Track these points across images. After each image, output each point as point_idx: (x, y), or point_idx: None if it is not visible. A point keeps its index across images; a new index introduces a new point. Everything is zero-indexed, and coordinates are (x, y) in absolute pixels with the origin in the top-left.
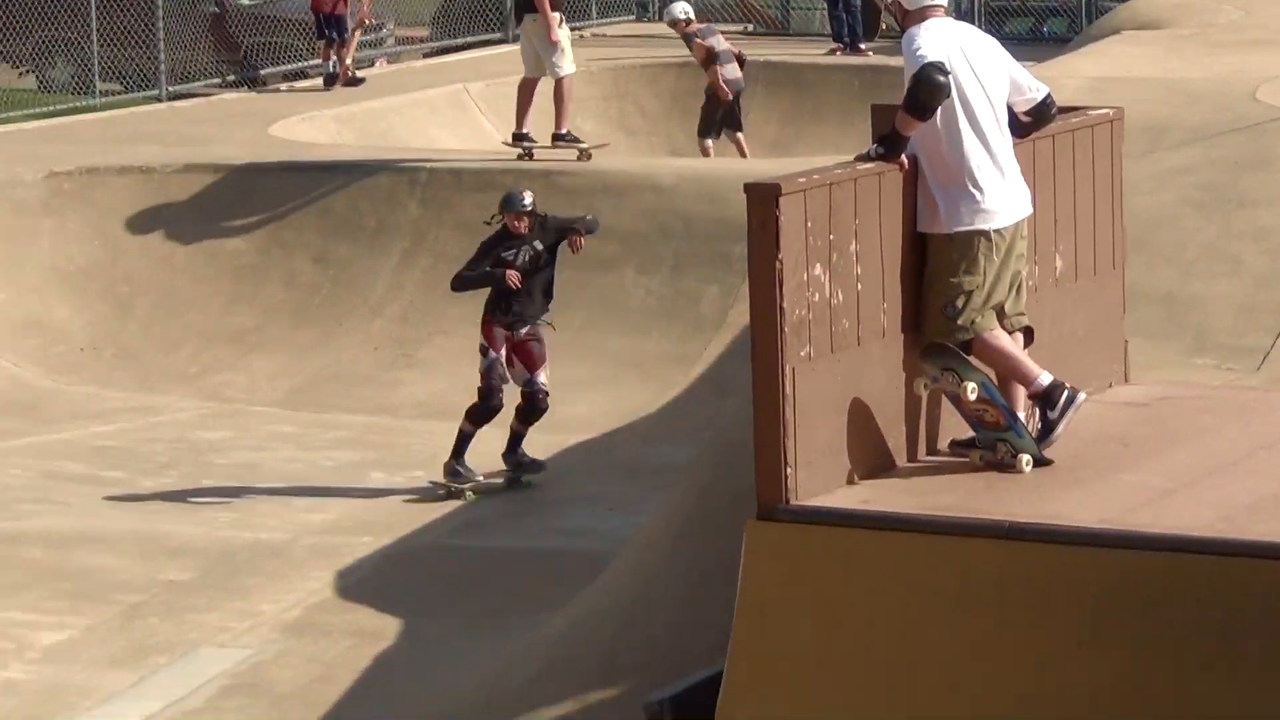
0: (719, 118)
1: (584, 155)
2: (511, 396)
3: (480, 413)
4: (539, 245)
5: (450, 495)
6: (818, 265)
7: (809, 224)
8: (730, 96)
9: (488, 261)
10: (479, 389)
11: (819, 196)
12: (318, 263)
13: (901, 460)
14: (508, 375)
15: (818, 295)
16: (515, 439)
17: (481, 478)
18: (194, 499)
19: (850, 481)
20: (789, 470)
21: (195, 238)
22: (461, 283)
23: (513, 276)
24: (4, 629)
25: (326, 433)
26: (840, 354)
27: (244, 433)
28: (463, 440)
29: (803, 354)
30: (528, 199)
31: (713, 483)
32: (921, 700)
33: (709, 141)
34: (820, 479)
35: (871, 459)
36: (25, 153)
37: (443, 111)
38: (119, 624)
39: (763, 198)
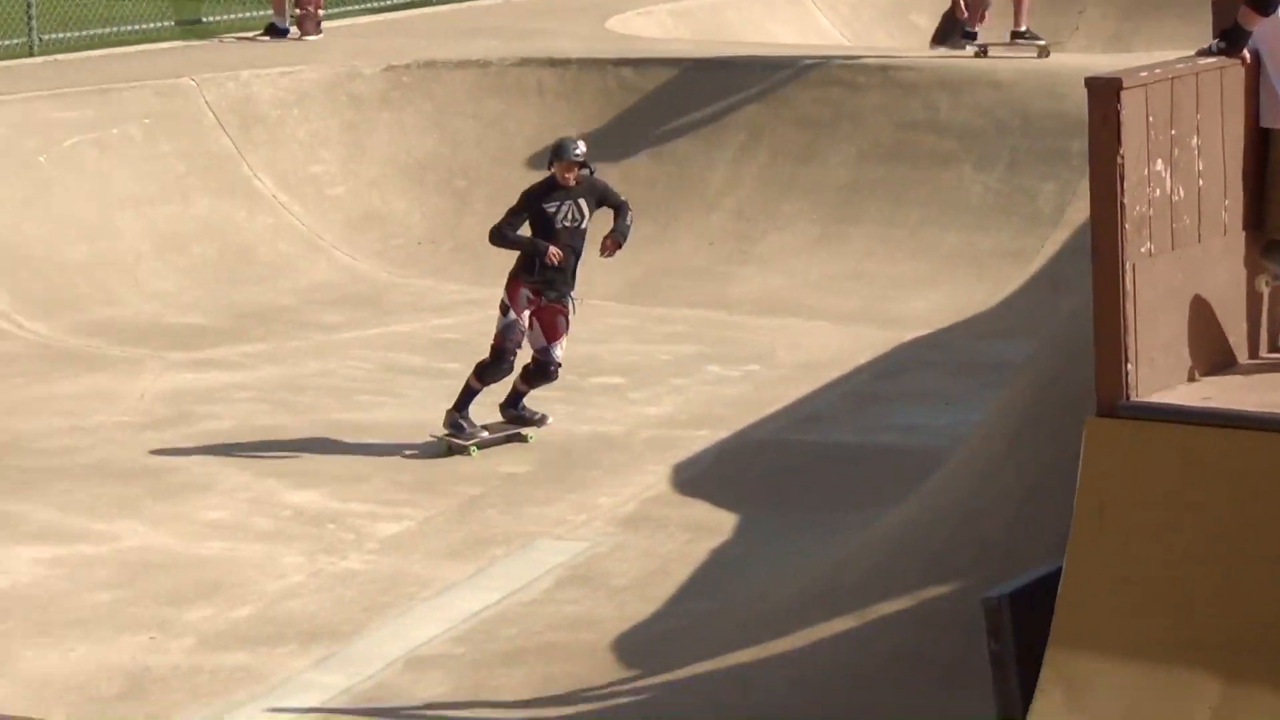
0: (950, 30)
1: (1043, 52)
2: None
3: (489, 372)
4: (583, 204)
5: (451, 451)
6: (1159, 161)
7: (1150, 119)
8: (964, 15)
9: (527, 215)
10: (492, 347)
11: (1160, 91)
12: (653, 157)
13: (1243, 357)
14: (524, 340)
15: (1158, 191)
16: (516, 395)
17: (486, 433)
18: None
19: (1191, 378)
20: (1129, 367)
21: (532, 131)
22: (501, 239)
23: (554, 254)
24: (344, 520)
25: (662, 326)
26: (1181, 250)
27: (581, 325)
28: (467, 394)
29: (1143, 250)
30: (580, 149)
31: (1050, 380)
32: (1259, 600)
33: (939, 49)
34: (1161, 375)
35: (1212, 356)
36: (363, 47)
37: (779, 7)
38: (457, 516)
39: (1104, 92)
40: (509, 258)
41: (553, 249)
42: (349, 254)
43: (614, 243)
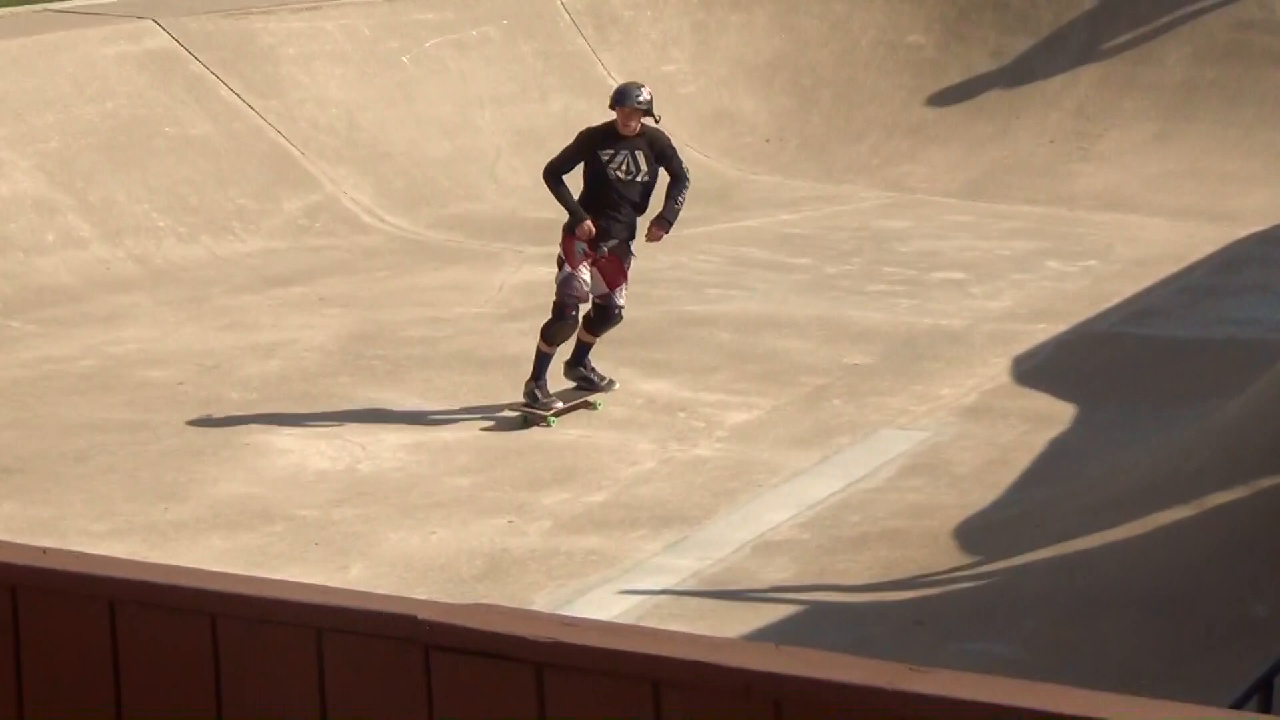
0: None
1: None
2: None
3: (554, 331)
4: (640, 155)
5: (528, 423)
6: None
7: None
8: None
9: (583, 158)
10: (553, 304)
11: None
12: (994, 56)
13: None
14: (585, 292)
15: None
16: (581, 350)
17: (560, 404)
18: (876, 285)
19: None
20: None
21: (877, 32)
22: (552, 186)
23: (585, 232)
24: (695, 408)
25: (1002, 222)
26: None
27: (923, 221)
28: (541, 361)
29: None
30: (644, 95)
31: None
32: None
33: None
34: None
35: None
36: None
37: None
38: (804, 405)
39: None
40: (851, 156)
41: (585, 226)
42: (699, 151)
43: (661, 230)
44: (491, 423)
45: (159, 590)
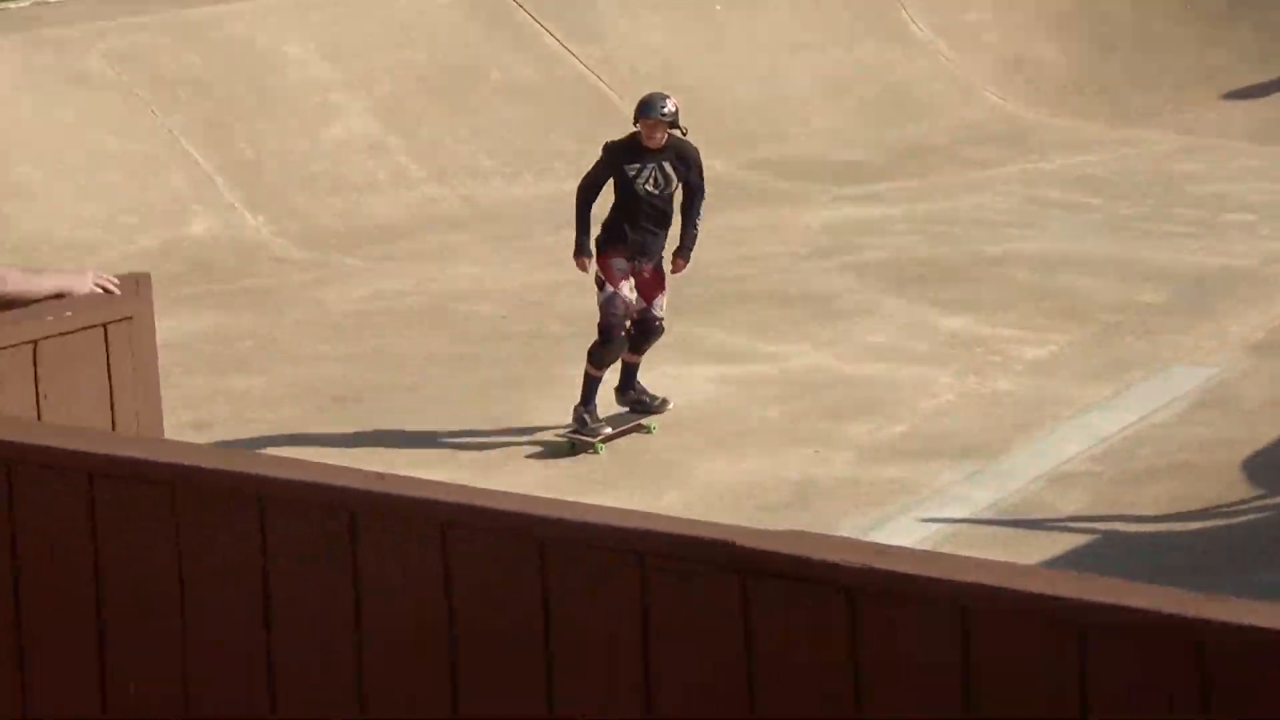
0: None
1: None
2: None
3: (602, 354)
4: (669, 167)
5: (576, 449)
6: None
7: None
8: None
9: (611, 173)
10: (598, 326)
11: None
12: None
13: None
14: (631, 309)
15: None
16: (629, 371)
17: (609, 429)
18: (1167, 226)
19: None
20: None
21: None
22: (578, 202)
23: (580, 265)
24: (994, 344)
25: None
26: None
27: (1214, 165)
28: (590, 385)
29: None
30: (668, 106)
31: None
32: None
33: None
34: None
35: None
36: None
37: None
38: (1098, 341)
39: None
40: (1145, 102)
41: (580, 261)
42: (998, 95)
43: (684, 260)
44: (797, 358)
45: (489, 515)
